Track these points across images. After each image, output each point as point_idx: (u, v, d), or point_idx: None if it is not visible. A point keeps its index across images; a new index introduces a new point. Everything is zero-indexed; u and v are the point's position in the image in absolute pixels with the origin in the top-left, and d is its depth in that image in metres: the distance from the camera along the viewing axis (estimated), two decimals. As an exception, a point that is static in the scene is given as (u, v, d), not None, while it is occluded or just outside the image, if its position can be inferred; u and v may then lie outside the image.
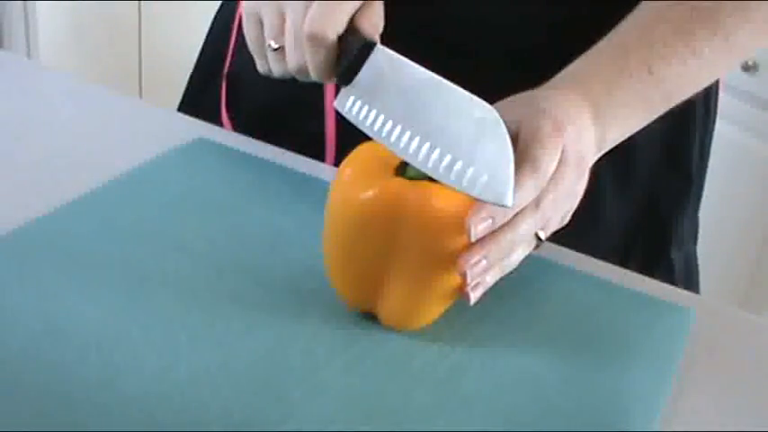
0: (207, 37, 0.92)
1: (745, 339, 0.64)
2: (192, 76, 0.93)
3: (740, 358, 0.62)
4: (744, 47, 0.67)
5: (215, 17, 0.91)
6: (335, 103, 0.59)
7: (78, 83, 0.90)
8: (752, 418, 0.57)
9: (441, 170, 0.54)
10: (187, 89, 0.93)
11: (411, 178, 0.56)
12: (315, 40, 0.59)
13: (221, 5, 0.91)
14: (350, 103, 0.58)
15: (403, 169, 0.57)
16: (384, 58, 0.58)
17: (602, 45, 0.65)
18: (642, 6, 0.67)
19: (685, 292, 0.69)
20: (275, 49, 0.64)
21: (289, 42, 0.62)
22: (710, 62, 0.66)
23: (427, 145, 0.54)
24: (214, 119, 0.85)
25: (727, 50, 0.66)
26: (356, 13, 0.60)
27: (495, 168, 0.53)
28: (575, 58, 0.64)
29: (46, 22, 2.17)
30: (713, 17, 0.65)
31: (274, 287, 0.61)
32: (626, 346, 0.60)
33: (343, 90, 0.59)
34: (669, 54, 0.64)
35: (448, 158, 0.54)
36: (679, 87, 0.66)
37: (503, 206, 0.53)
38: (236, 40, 0.85)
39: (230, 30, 0.86)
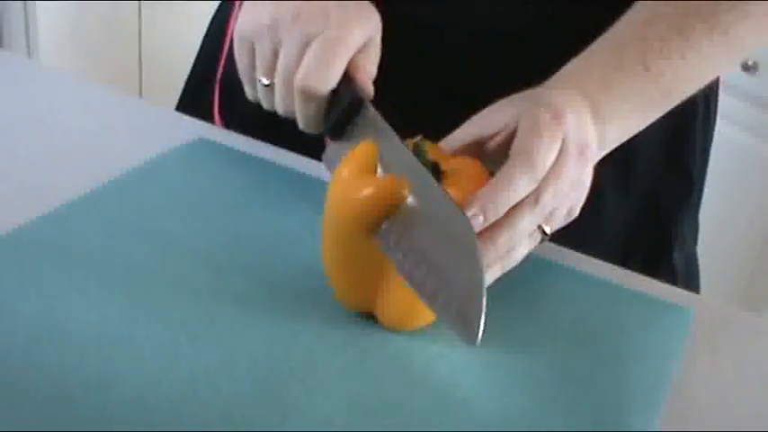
0: (203, 41, 0.92)
1: (745, 339, 0.64)
2: (188, 81, 0.93)
3: (740, 358, 0.62)
4: (744, 42, 0.67)
5: (211, 21, 0.91)
6: (324, 160, 0.58)
7: (78, 83, 0.90)
8: (752, 418, 0.57)
9: (414, 280, 0.53)
10: (183, 93, 0.93)
11: None
12: (306, 94, 0.58)
13: (217, 9, 0.90)
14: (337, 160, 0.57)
15: None
16: (371, 119, 0.57)
17: (598, 43, 0.65)
18: (637, 6, 0.67)
19: (685, 292, 0.69)
20: (266, 85, 0.63)
21: (279, 87, 0.61)
22: (710, 57, 0.65)
23: (401, 250, 0.53)
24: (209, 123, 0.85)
25: (727, 45, 0.66)
26: (351, 60, 0.59)
27: (466, 303, 0.51)
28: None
29: (46, 22, 2.17)
30: (711, 12, 0.65)
31: (274, 287, 0.61)
32: (626, 346, 0.60)
33: (331, 145, 0.58)
34: (665, 48, 0.63)
35: (422, 270, 0.52)
36: (678, 83, 0.65)
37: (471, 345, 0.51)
38: (230, 46, 0.84)
39: (224, 35, 0.85)
